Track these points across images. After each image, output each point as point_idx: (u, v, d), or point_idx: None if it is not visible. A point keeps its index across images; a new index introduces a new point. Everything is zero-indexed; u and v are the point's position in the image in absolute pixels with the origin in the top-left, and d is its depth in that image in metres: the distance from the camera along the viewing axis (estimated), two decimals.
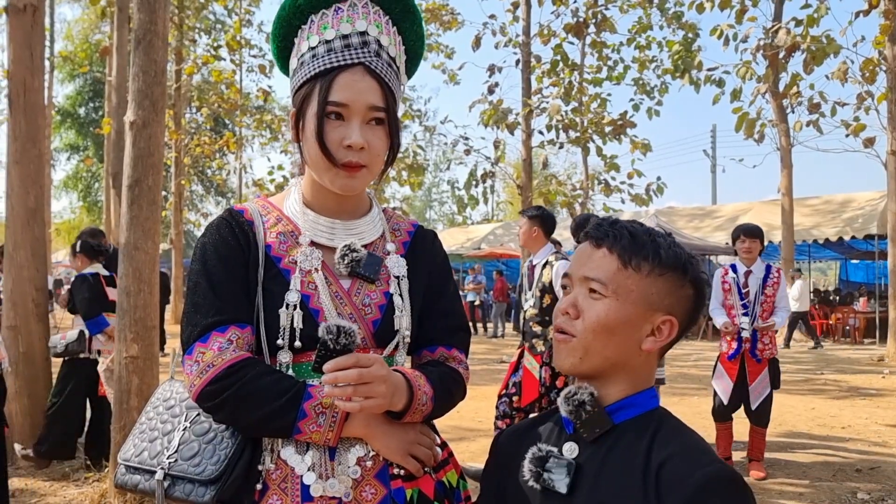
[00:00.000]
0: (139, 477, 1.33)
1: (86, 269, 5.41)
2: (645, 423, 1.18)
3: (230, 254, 1.35)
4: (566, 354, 1.19)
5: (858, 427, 6.83)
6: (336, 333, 1.19)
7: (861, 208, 16.21)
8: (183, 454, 1.30)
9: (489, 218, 39.50)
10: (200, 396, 1.26)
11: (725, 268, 5.36)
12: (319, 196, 1.42)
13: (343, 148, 1.31)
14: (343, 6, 1.35)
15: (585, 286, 1.19)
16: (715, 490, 1.04)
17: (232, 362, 1.25)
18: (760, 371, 5.14)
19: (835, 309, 17.67)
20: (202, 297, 1.31)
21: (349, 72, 1.32)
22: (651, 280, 1.17)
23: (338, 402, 1.20)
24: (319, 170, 1.35)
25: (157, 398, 1.44)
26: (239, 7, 18.54)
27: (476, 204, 16.23)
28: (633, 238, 1.18)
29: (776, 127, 15.43)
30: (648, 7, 15.58)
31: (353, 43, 1.33)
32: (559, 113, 13.90)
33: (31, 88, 5.69)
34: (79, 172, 33.64)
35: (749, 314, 5.14)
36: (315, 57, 1.34)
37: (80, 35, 30.37)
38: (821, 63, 12.07)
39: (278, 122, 19.63)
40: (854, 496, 4.67)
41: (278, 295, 1.33)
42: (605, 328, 1.16)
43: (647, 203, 14.74)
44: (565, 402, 1.18)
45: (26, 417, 5.51)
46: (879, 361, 12.18)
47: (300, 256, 1.36)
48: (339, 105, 1.31)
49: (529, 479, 1.19)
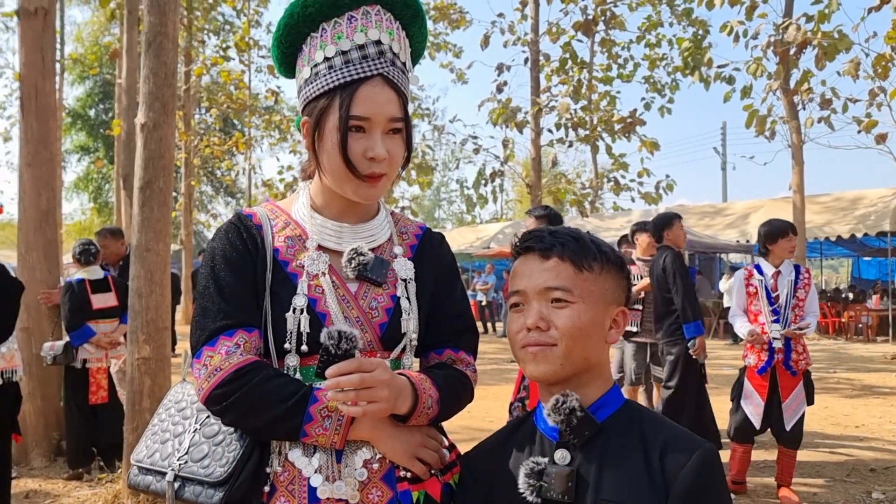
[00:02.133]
0: (151, 478, 1.35)
1: (76, 274, 5.42)
2: (625, 418, 1.25)
3: (238, 258, 1.36)
4: (547, 363, 1.22)
5: (872, 426, 6.78)
6: (337, 339, 1.21)
7: (873, 205, 16.09)
8: (193, 456, 1.32)
9: (498, 217, 39.46)
10: (209, 399, 1.28)
11: (749, 269, 4.77)
12: (328, 201, 1.43)
13: (366, 160, 1.32)
14: (356, 14, 1.34)
15: (546, 297, 1.24)
16: (712, 464, 1.18)
17: (239, 366, 1.27)
18: (795, 385, 4.52)
19: (847, 306, 17.55)
20: (210, 301, 1.33)
21: (369, 84, 1.32)
22: (603, 277, 1.26)
23: (341, 407, 1.21)
24: (340, 181, 1.36)
25: (169, 400, 1.45)
26: (247, 8, 18.59)
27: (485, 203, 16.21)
28: (577, 242, 1.26)
29: (787, 124, 15.33)
30: (658, 4, 15.51)
31: (369, 54, 1.33)
32: (568, 111, 13.86)
33: (43, 91, 5.72)
34: (89, 174, 33.82)
35: (780, 320, 4.54)
36: (332, 69, 1.33)
37: (89, 37, 30.53)
38: (832, 59, 11.98)
39: (287, 122, 19.66)
40: (869, 496, 4.64)
41: (286, 299, 1.34)
42: (580, 331, 1.22)
43: (657, 201, 14.68)
44: (555, 412, 1.22)
45: (39, 418, 5.55)
46: (893, 359, 12.10)
47: (307, 260, 1.37)
48: (361, 119, 1.31)
49: (528, 493, 1.21)
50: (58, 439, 5.61)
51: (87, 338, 5.23)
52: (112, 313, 5.40)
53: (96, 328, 5.27)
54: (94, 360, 5.29)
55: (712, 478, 1.17)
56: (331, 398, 1.21)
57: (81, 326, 5.22)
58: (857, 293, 19.24)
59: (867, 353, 13.27)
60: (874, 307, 16.90)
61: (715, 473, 1.18)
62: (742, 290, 4.73)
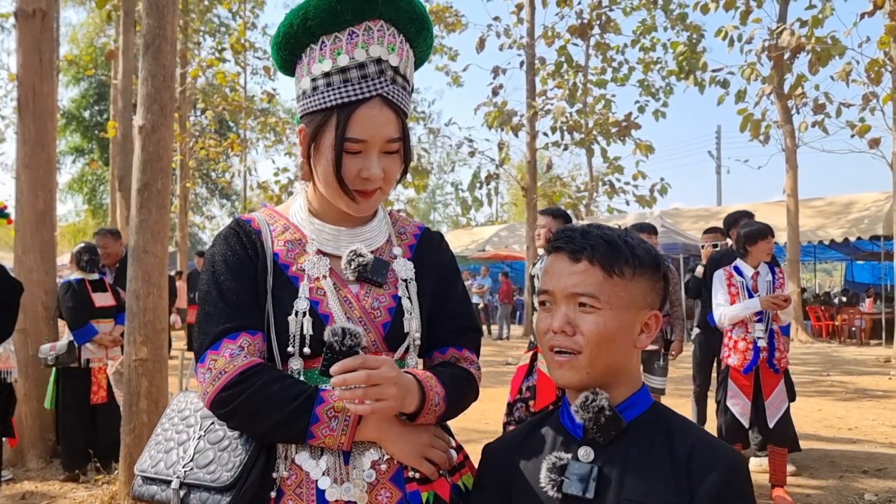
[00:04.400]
0: (156, 487, 1.33)
1: (73, 275, 5.42)
2: (651, 419, 1.22)
3: (239, 263, 1.36)
4: (573, 372, 1.21)
5: (865, 428, 6.82)
6: (341, 335, 1.21)
7: (867, 209, 16.18)
8: (198, 462, 1.30)
9: (493, 220, 39.49)
10: (214, 403, 1.28)
11: (729, 270, 4.79)
12: (326, 206, 1.43)
13: (360, 179, 1.33)
14: (357, 30, 1.30)
15: (573, 301, 1.21)
16: (740, 471, 1.16)
17: (243, 368, 1.27)
18: (777, 382, 4.60)
19: (841, 310, 17.63)
20: (212, 306, 1.33)
21: (367, 105, 1.30)
22: (634, 282, 1.22)
23: (348, 405, 1.20)
24: (333, 195, 1.37)
25: (173, 409, 1.44)
26: (243, 10, 18.60)
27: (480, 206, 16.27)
28: (609, 245, 1.21)
29: (781, 128, 15.42)
30: (653, 8, 15.60)
31: (369, 73, 1.30)
32: (564, 114, 13.93)
33: (41, 93, 5.72)
34: (84, 175, 33.72)
35: (763, 320, 4.62)
36: (330, 86, 1.31)
37: (84, 39, 30.46)
38: (826, 64, 12.06)
39: (283, 124, 19.68)
40: (861, 497, 4.67)
41: (288, 302, 1.34)
42: (606, 339, 1.19)
43: (652, 204, 14.75)
44: (583, 409, 1.20)
45: (35, 420, 5.54)
46: (886, 363, 12.15)
47: (307, 264, 1.37)
48: (357, 141, 1.31)
49: (548, 488, 1.20)
50: (53, 441, 5.60)
51: (90, 336, 5.22)
52: (109, 313, 5.41)
53: (98, 327, 5.28)
54: (95, 360, 5.28)
55: (739, 486, 1.15)
56: (338, 397, 1.21)
57: (86, 325, 5.22)
58: (850, 296, 19.33)
59: (860, 357, 13.33)
60: (867, 310, 16.97)
61: (743, 481, 1.16)
62: (725, 288, 4.76)
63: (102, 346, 5.30)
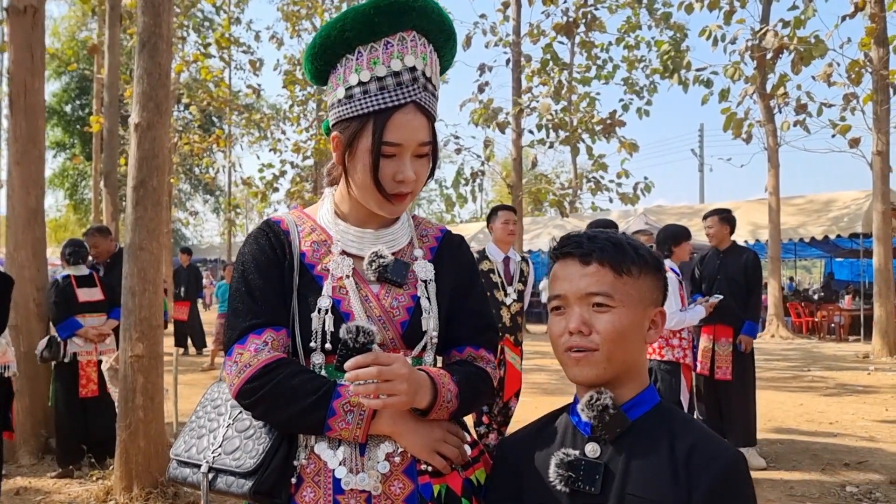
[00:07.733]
0: (188, 470, 1.42)
1: (62, 271, 5.45)
2: (656, 418, 1.28)
3: (267, 262, 1.43)
4: (590, 367, 1.27)
5: (845, 422, 6.97)
6: (355, 333, 1.28)
7: (846, 207, 16.40)
8: (225, 449, 1.39)
9: (478, 216, 39.51)
10: (239, 394, 1.36)
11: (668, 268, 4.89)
12: (352, 208, 1.50)
13: (394, 182, 1.40)
14: (392, 40, 1.37)
15: (588, 302, 1.27)
16: (739, 469, 1.20)
17: (267, 362, 1.34)
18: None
19: (820, 306, 17.89)
20: (241, 302, 1.41)
21: (402, 111, 1.37)
22: (641, 280, 1.29)
23: (362, 400, 1.26)
24: (368, 198, 1.44)
25: (206, 399, 1.52)
26: (227, 5, 18.50)
27: (464, 202, 16.32)
28: (616, 247, 1.28)
29: (764, 127, 15.60)
30: (637, 7, 15.71)
31: (404, 80, 1.37)
32: (549, 112, 13.99)
33: (32, 89, 5.72)
34: (65, 170, 33.37)
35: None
36: (367, 94, 1.37)
37: (66, 32, 30.10)
38: (808, 64, 12.21)
39: (267, 120, 19.60)
40: (843, 489, 4.79)
41: (312, 300, 1.41)
42: (621, 336, 1.25)
43: (635, 202, 14.86)
44: (588, 408, 1.27)
45: (28, 416, 5.54)
46: (865, 358, 12.37)
47: (332, 264, 1.44)
48: (394, 145, 1.37)
49: (557, 483, 1.26)
50: (46, 437, 5.61)
51: (72, 330, 5.24)
52: (99, 307, 5.42)
53: (83, 322, 5.29)
54: (83, 354, 5.30)
55: (738, 484, 1.19)
56: (352, 392, 1.27)
57: (67, 319, 5.25)
58: (829, 293, 19.61)
59: (840, 352, 13.54)
60: (846, 307, 17.23)
61: (741, 479, 1.19)
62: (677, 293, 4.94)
63: (89, 340, 5.31)
